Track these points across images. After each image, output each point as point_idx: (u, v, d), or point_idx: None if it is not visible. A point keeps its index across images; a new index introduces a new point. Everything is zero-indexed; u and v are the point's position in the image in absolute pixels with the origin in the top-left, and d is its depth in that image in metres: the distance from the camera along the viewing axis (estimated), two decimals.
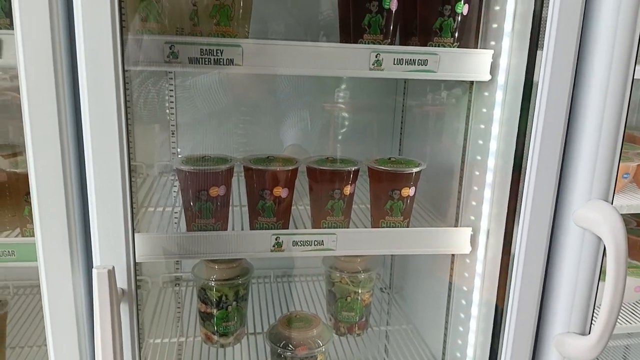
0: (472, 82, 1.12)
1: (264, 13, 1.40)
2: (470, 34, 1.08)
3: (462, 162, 1.16)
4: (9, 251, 0.91)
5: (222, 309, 1.25)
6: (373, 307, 1.58)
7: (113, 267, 0.76)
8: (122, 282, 0.82)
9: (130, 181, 0.82)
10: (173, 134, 1.55)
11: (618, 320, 1.26)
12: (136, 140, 1.54)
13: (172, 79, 1.51)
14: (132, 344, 0.85)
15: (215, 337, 1.28)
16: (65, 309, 0.82)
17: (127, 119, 0.79)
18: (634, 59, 0.86)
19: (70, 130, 0.78)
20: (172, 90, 1.52)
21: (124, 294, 0.82)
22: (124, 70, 0.77)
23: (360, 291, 1.32)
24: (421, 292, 1.46)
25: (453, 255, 1.21)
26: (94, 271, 0.75)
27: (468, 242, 1.08)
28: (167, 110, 1.52)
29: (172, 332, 1.49)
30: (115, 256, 0.81)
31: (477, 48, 1.07)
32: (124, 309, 0.83)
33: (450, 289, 1.23)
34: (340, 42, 1.06)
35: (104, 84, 0.75)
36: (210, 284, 1.23)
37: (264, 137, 1.59)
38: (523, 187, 0.93)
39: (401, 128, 1.59)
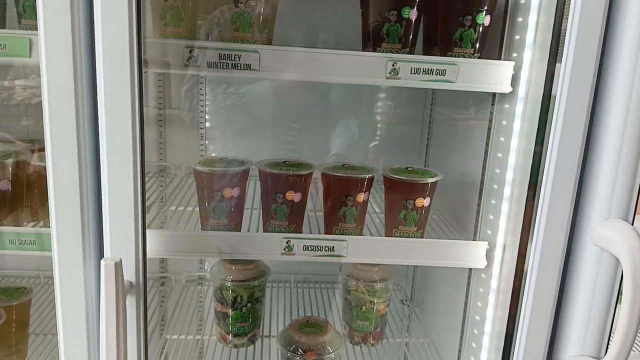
0: (494, 94, 1.10)
1: (294, 21, 1.42)
2: (494, 45, 1.07)
3: (483, 175, 1.14)
4: (31, 240, 0.96)
5: (236, 309, 1.27)
6: (392, 319, 1.56)
7: (120, 260, 0.79)
8: (130, 276, 0.85)
9: (143, 178, 0.85)
10: (202, 137, 1.59)
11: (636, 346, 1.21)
12: (167, 142, 1.59)
13: (202, 83, 1.55)
14: (138, 336, 0.88)
15: (230, 337, 1.30)
16: (76, 299, 0.85)
17: (142, 119, 0.82)
18: None
19: (87, 128, 0.81)
20: (202, 94, 1.56)
21: (132, 287, 0.85)
22: (140, 71, 0.80)
23: (376, 301, 1.31)
24: (440, 305, 1.43)
25: (470, 269, 1.19)
26: (102, 262, 0.78)
27: (483, 257, 1.06)
28: (198, 114, 1.57)
29: (194, 330, 1.52)
30: (125, 250, 0.84)
31: (500, 60, 1.05)
32: (131, 302, 0.85)
33: (466, 304, 1.21)
34: (363, 50, 1.07)
35: (120, 84, 0.79)
36: (226, 284, 1.25)
37: (293, 146, 1.60)
38: (538, 202, 0.90)
39: (428, 139, 1.57)
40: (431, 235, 1.20)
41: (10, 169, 1.02)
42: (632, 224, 0.90)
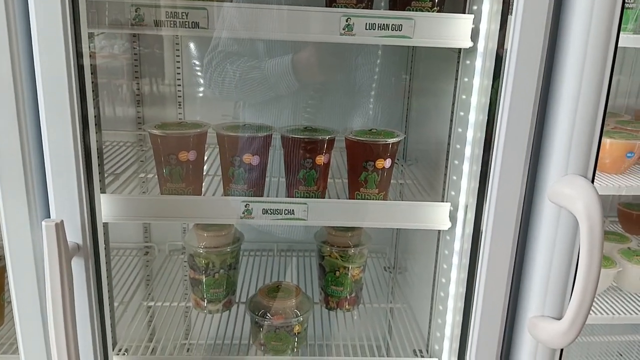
0: (460, 51, 1.06)
1: None
2: None
3: (449, 136, 1.11)
4: None
5: (209, 275, 1.27)
6: (376, 285, 1.56)
7: (62, 221, 0.79)
8: (77, 238, 0.85)
9: (87, 139, 0.84)
10: (180, 106, 1.58)
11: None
12: (145, 113, 1.58)
13: (179, 51, 1.53)
14: (89, 297, 0.88)
15: (204, 304, 1.30)
16: (25, 261, 0.86)
17: (80, 77, 0.81)
18: (617, 22, 0.79)
19: (26, 90, 0.80)
20: (179, 62, 1.54)
21: (80, 249, 0.85)
22: (75, 32, 0.79)
23: (350, 266, 1.30)
24: (417, 270, 1.42)
25: (439, 232, 1.17)
26: (43, 224, 0.78)
27: (447, 218, 1.04)
28: (175, 82, 1.55)
29: (179, 297, 1.53)
30: (69, 212, 0.83)
31: (464, 13, 1.02)
32: (79, 263, 0.86)
33: (435, 268, 1.19)
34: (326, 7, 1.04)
35: (54, 44, 0.77)
36: (198, 251, 1.25)
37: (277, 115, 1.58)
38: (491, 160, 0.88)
39: (408, 103, 1.54)
40: (405, 199, 1.18)
41: None
42: (593, 181, 0.87)
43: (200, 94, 1.58)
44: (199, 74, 1.56)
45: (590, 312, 1.15)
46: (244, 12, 0.92)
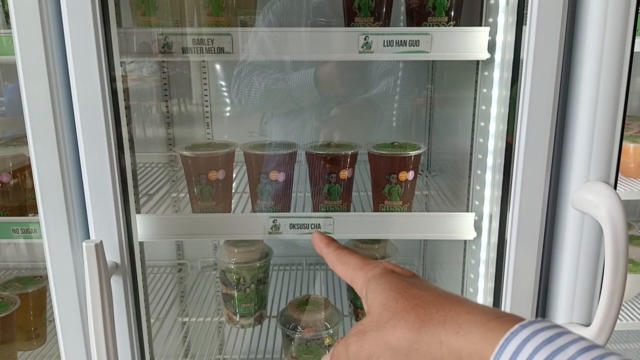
0: (478, 62, 1.08)
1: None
2: (473, 11, 1.05)
3: (471, 146, 1.13)
4: (32, 229, 1.01)
5: (240, 290, 1.30)
6: None
7: (101, 242, 0.83)
8: (115, 257, 0.89)
9: (122, 162, 0.89)
10: (208, 125, 1.63)
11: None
12: (175, 134, 1.64)
13: (205, 73, 1.59)
14: (127, 313, 0.92)
15: (236, 318, 1.34)
16: (67, 281, 0.90)
17: (114, 102, 0.86)
18: (632, 27, 0.80)
19: (64, 117, 0.86)
20: (206, 83, 1.59)
21: (118, 268, 0.90)
22: (109, 61, 0.84)
23: None
24: (445, 281, 1.43)
25: (465, 242, 1.18)
26: (83, 245, 0.82)
27: (471, 228, 1.05)
28: (202, 102, 1.60)
29: (212, 312, 1.58)
30: (107, 232, 0.88)
31: (481, 26, 1.03)
32: (117, 281, 0.90)
33: (463, 278, 1.20)
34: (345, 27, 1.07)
35: (89, 72, 0.83)
36: (229, 266, 1.29)
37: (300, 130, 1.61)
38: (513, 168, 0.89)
39: (430, 114, 1.56)
40: (430, 210, 1.20)
41: (10, 162, 1.08)
42: (615, 186, 0.88)
43: (227, 114, 1.63)
44: (225, 93, 1.61)
45: (622, 318, 1.15)
46: (268, 36, 0.96)
